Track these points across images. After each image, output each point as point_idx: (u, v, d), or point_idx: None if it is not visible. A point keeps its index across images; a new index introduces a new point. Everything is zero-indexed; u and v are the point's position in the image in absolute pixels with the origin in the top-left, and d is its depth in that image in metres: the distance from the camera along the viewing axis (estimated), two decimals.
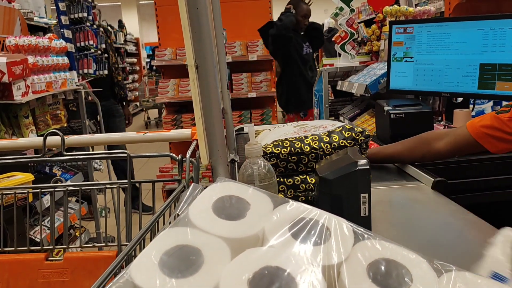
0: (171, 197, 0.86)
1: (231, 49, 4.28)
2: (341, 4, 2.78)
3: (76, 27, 3.04)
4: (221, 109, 0.81)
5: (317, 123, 1.21)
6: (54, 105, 2.61)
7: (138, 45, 12.55)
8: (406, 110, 1.67)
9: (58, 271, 1.02)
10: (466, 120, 1.86)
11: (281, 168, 1.06)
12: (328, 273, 0.50)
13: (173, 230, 0.54)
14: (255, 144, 0.85)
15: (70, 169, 2.77)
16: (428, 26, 1.81)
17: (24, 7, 4.20)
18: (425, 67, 1.83)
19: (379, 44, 2.62)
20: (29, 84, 2.23)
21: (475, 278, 0.50)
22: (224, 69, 1.08)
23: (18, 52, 2.31)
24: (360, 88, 2.26)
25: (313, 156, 1.04)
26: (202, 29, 0.74)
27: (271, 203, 0.60)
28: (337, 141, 1.05)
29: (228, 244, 0.53)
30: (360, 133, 1.07)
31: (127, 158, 1.06)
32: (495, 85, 1.60)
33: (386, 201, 1.15)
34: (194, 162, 0.97)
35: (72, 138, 1.21)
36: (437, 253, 0.89)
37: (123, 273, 0.48)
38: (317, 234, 0.54)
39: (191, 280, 0.47)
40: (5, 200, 1.26)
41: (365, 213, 0.85)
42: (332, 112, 2.90)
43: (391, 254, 0.53)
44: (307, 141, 1.05)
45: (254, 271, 0.48)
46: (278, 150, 1.04)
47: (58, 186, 1.14)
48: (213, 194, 0.61)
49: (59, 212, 2.43)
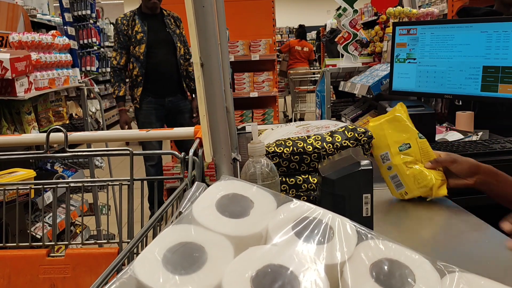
0: (174, 195, 0.87)
1: (233, 48, 4.28)
2: (345, 5, 2.78)
3: (79, 24, 3.04)
4: (225, 107, 0.81)
5: (319, 123, 1.21)
6: (57, 102, 2.61)
7: None
8: (408, 112, 1.67)
9: (60, 267, 1.03)
10: (469, 123, 1.87)
11: (283, 167, 1.06)
12: (331, 272, 0.50)
13: (177, 227, 0.55)
14: (258, 143, 0.85)
15: (72, 166, 2.78)
16: (431, 27, 1.81)
17: (27, 4, 4.20)
18: (428, 69, 1.83)
19: (381, 45, 2.62)
20: (32, 81, 2.23)
21: (478, 280, 0.50)
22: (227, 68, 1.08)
23: (22, 49, 2.31)
24: (362, 89, 2.26)
25: (316, 156, 1.05)
26: (207, 27, 0.74)
27: (275, 201, 0.60)
28: (340, 141, 1.05)
29: (232, 242, 0.53)
30: (362, 133, 1.07)
31: (130, 155, 1.06)
32: (498, 88, 1.60)
33: (386, 201, 1.15)
34: (196, 160, 0.97)
35: (75, 135, 1.21)
36: (437, 255, 0.89)
37: (126, 269, 0.48)
38: (321, 233, 0.54)
39: (194, 277, 0.47)
40: (6, 196, 1.26)
41: (367, 213, 0.85)
42: (334, 113, 2.90)
43: (394, 254, 0.53)
44: (310, 141, 1.05)
45: (257, 269, 0.48)
46: (281, 150, 1.04)
47: (60, 183, 1.14)
48: (216, 192, 0.61)
49: (59, 209, 2.43)
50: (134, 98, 3.42)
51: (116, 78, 3.37)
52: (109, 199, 2.58)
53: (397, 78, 1.96)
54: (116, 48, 3.35)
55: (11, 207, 1.23)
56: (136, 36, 3.28)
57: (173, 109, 3.49)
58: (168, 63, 3.39)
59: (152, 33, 3.32)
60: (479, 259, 0.87)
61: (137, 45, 3.29)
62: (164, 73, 3.37)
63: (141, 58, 3.29)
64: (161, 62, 3.35)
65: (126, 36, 3.31)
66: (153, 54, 3.32)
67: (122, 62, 3.36)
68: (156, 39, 3.33)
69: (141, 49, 3.28)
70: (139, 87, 3.36)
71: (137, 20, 3.31)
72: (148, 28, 3.30)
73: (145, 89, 3.36)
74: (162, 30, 3.38)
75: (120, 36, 3.32)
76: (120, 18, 3.34)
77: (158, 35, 3.35)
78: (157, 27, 3.36)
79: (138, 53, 3.29)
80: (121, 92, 3.39)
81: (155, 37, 3.33)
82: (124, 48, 3.34)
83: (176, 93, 3.50)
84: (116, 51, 3.35)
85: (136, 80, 3.36)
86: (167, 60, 3.38)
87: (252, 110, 4.47)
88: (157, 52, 3.33)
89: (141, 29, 3.28)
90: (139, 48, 3.29)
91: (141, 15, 3.34)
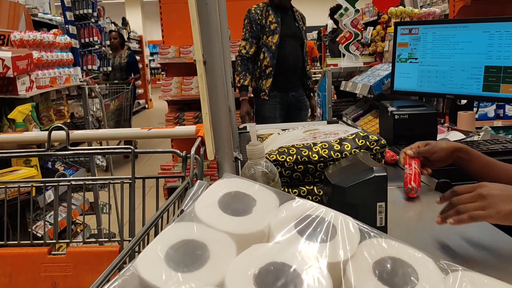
0: (175, 194, 0.86)
1: (234, 48, 4.27)
2: (346, 5, 2.78)
3: (80, 23, 3.04)
4: (227, 106, 0.81)
5: (328, 128, 1.12)
6: (58, 101, 2.61)
7: (142, 43, 12.56)
8: (410, 111, 1.67)
9: (61, 265, 1.02)
10: (470, 122, 1.87)
11: (285, 177, 0.98)
12: (333, 270, 0.50)
13: (179, 225, 0.55)
14: (256, 145, 0.80)
15: (73, 165, 2.77)
16: (433, 27, 1.81)
17: (28, 3, 4.21)
18: (430, 69, 1.82)
19: (383, 45, 2.62)
20: (33, 79, 2.23)
21: (481, 278, 0.50)
22: (229, 67, 1.08)
23: (23, 47, 2.31)
24: (363, 88, 2.26)
25: (322, 166, 0.96)
26: (210, 25, 0.74)
27: (277, 199, 0.60)
28: (349, 149, 0.96)
29: (234, 240, 0.53)
30: (375, 141, 0.98)
31: (132, 153, 1.06)
32: (499, 88, 1.60)
33: (390, 201, 1.15)
34: (198, 159, 0.97)
35: (76, 133, 1.21)
36: (439, 254, 0.89)
37: (129, 266, 0.48)
38: (323, 231, 0.54)
39: (197, 275, 0.47)
40: (8, 194, 1.26)
41: (382, 223, 0.80)
42: (335, 113, 2.90)
43: (397, 252, 0.53)
44: (316, 149, 0.96)
45: (260, 266, 0.48)
46: (283, 158, 0.96)
47: (62, 181, 1.14)
48: (219, 189, 0.61)
49: (60, 208, 2.43)
50: (262, 90, 3.33)
51: (242, 67, 3.30)
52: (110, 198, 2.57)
53: (398, 78, 1.95)
54: (247, 37, 3.29)
55: (12, 205, 1.23)
56: (270, 26, 3.25)
57: (293, 104, 3.44)
58: (296, 57, 3.36)
59: (284, 25, 3.30)
60: (482, 258, 0.87)
61: (270, 35, 3.25)
62: (291, 66, 3.34)
63: (273, 48, 3.24)
64: (290, 54, 3.32)
65: (259, 25, 3.27)
66: (284, 46, 3.29)
67: (252, 51, 3.30)
68: (288, 31, 3.31)
69: (274, 39, 3.24)
70: (268, 79, 3.29)
71: (270, 11, 3.29)
72: (281, 20, 3.29)
73: (274, 81, 3.30)
74: (293, 24, 3.38)
75: (253, 25, 3.27)
76: (254, 8, 3.32)
77: (289, 28, 3.34)
78: (289, 20, 3.36)
79: (270, 43, 3.25)
80: (246, 81, 3.30)
81: (287, 30, 3.31)
82: (255, 38, 3.29)
83: (299, 88, 3.45)
84: (247, 40, 3.29)
85: (265, 71, 3.29)
86: (296, 53, 3.36)
87: (253, 110, 4.46)
88: (288, 45, 3.30)
89: (275, 20, 3.26)
90: (272, 38, 3.25)
91: (274, 7, 3.32)
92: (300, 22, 3.43)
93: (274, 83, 3.31)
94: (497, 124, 3.52)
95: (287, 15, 3.36)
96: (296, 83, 3.42)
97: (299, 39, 3.38)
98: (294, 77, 3.38)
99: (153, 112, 11.73)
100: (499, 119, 3.55)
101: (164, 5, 4.43)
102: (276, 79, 3.31)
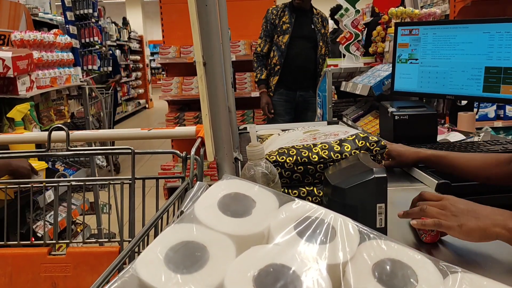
0: (175, 194, 0.86)
1: (235, 48, 4.28)
2: (346, 5, 2.78)
3: (81, 23, 3.04)
4: (227, 107, 0.81)
5: (328, 129, 1.12)
6: (58, 101, 2.62)
7: (142, 43, 12.56)
8: (410, 112, 1.67)
9: (61, 265, 1.03)
10: (470, 123, 1.87)
11: (285, 178, 0.98)
12: (333, 272, 0.50)
13: (179, 226, 0.54)
14: (255, 146, 0.80)
15: (73, 165, 2.77)
16: (434, 28, 1.80)
17: (29, 3, 4.21)
18: (430, 69, 1.82)
19: (383, 46, 2.62)
20: (33, 79, 2.23)
21: (481, 280, 0.50)
22: (229, 67, 1.08)
23: (23, 47, 2.31)
24: (364, 89, 2.25)
25: (322, 167, 0.96)
26: (210, 26, 0.74)
27: (277, 201, 0.60)
28: (349, 150, 0.96)
29: (234, 241, 0.53)
30: (375, 142, 0.98)
31: (132, 154, 1.06)
32: (500, 89, 1.60)
33: (389, 202, 1.15)
34: (198, 160, 0.97)
35: (76, 133, 1.21)
36: (439, 256, 0.89)
37: (128, 267, 0.48)
38: (323, 233, 0.54)
39: (196, 276, 0.47)
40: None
41: (381, 225, 0.80)
42: (336, 113, 2.90)
43: (396, 254, 0.52)
44: (316, 150, 0.97)
45: (259, 268, 0.48)
46: (283, 159, 0.96)
47: (62, 181, 1.14)
48: (219, 191, 0.61)
49: (60, 208, 2.43)
50: (269, 86, 3.56)
51: (258, 63, 3.56)
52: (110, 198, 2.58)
53: (398, 78, 1.95)
54: (262, 36, 3.55)
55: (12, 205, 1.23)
56: (282, 26, 3.44)
57: (301, 104, 3.60)
58: (306, 58, 3.52)
59: (297, 26, 3.47)
60: (481, 260, 0.87)
61: (281, 34, 3.45)
62: (300, 67, 3.50)
63: (282, 48, 3.44)
64: (299, 55, 3.48)
65: (272, 25, 3.48)
66: (294, 46, 3.45)
67: (265, 49, 3.54)
68: (300, 33, 3.47)
69: (284, 39, 3.43)
70: (275, 76, 3.51)
71: (286, 12, 3.48)
72: (295, 21, 3.45)
73: (281, 79, 3.51)
74: (308, 26, 3.52)
75: (267, 25, 3.50)
76: (271, 8, 3.55)
77: (303, 30, 3.50)
78: (304, 22, 3.51)
79: (280, 42, 3.45)
80: (263, 75, 3.55)
81: (300, 31, 3.48)
82: (269, 36, 3.52)
83: (308, 89, 3.61)
84: (261, 38, 3.54)
85: (274, 69, 3.51)
86: (306, 54, 3.52)
87: (253, 110, 4.46)
88: (299, 45, 3.47)
89: (288, 20, 3.44)
90: (282, 38, 3.44)
91: (291, 8, 3.50)
92: (318, 25, 3.55)
93: (281, 81, 3.50)
94: (497, 124, 3.52)
95: (304, 17, 3.50)
96: (305, 84, 3.57)
97: (312, 41, 3.51)
98: (303, 78, 3.52)
99: (154, 112, 11.73)
100: (500, 120, 3.55)
101: (164, 5, 4.43)
102: (283, 77, 3.49)
